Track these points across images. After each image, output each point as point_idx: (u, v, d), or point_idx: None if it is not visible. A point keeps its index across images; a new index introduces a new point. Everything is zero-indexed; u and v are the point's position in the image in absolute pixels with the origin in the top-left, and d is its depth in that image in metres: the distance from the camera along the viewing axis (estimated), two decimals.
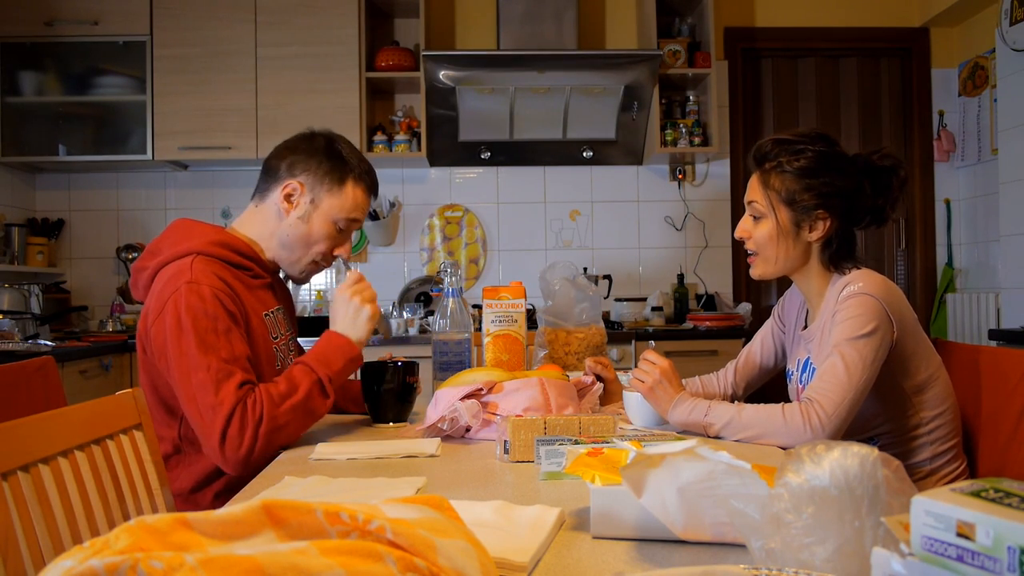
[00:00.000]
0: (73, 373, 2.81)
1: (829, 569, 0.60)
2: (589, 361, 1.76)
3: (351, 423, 1.65)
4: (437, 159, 3.89)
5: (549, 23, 3.59)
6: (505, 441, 1.25)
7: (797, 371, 1.62)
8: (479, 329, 1.83)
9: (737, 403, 1.41)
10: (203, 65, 3.52)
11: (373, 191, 1.67)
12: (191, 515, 0.54)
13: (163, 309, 1.41)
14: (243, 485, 1.17)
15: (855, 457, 0.62)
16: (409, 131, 3.72)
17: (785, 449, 1.28)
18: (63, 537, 1.05)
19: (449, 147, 3.88)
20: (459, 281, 1.82)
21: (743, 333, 3.40)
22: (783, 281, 1.67)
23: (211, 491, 1.49)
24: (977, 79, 3.87)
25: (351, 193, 1.62)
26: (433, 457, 1.30)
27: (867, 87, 4.10)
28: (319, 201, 1.60)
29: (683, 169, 3.96)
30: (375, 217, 3.81)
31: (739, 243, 1.61)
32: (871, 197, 1.52)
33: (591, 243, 3.99)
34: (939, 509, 0.53)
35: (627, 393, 1.56)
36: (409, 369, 1.60)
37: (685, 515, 0.78)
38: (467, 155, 3.92)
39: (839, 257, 1.54)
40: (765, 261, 1.57)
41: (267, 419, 1.36)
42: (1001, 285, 3.54)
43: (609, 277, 3.84)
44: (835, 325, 1.44)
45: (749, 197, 1.57)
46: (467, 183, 3.99)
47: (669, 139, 3.73)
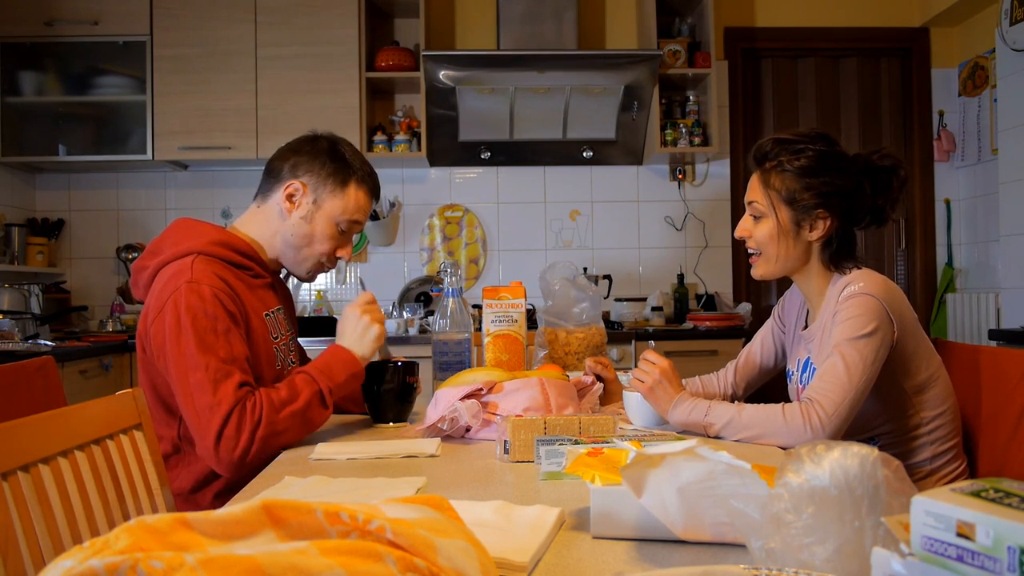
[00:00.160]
0: (73, 373, 2.81)
1: (829, 569, 0.60)
2: (589, 361, 1.76)
3: (351, 423, 1.65)
4: (437, 159, 3.89)
5: (549, 23, 3.59)
6: (505, 441, 1.25)
7: (797, 371, 1.62)
8: (479, 329, 1.83)
9: (737, 403, 1.41)
10: (203, 65, 3.52)
11: (375, 194, 1.68)
12: (191, 515, 0.54)
13: (163, 308, 1.41)
14: (243, 485, 1.17)
15: (855, 457, 0.62)
16: (409, 131, 3.72)
17: (785, 449, 1.28)
18: (63, 537, 1.05)
19: (449, 147, 3.87)
20: (459, 281, 1.82)
21: (743, 333, 3.40)
22: (783, 281, 1.67)
23: (211, 491, 1.49)
24: (977, 79, 3.87)
25: (353, 195, 1.63)
26: (433, 457, 1.30)
27: (867, 87, 4.10)
28: (321, 202, 1.60)
29: (683, 169, 3.96)
30: (375, 217, 3.81)
31: (739, 243, 1.62)
32: (871, 197, 1.52)
33: (591, 243, 3.99)
34: (939, 509, 0.53)
35: (627, 393, 1.56)
36: (409, 369, 1.61)
37: (685, 515, 0.78)
38: (467, 155, 3.92)
39: (839, 257, 1.54)
40: (766, 261, 1.57)
41: (265, 423, 1.36)
42: (1001, 285, 3.54)
43: (609, 277, 3.84)
44: (835, 325, 1.44)
45: (749, 197, 1.57)
46: (467, 183, 3.98)
47: (669, 139, 3.73)
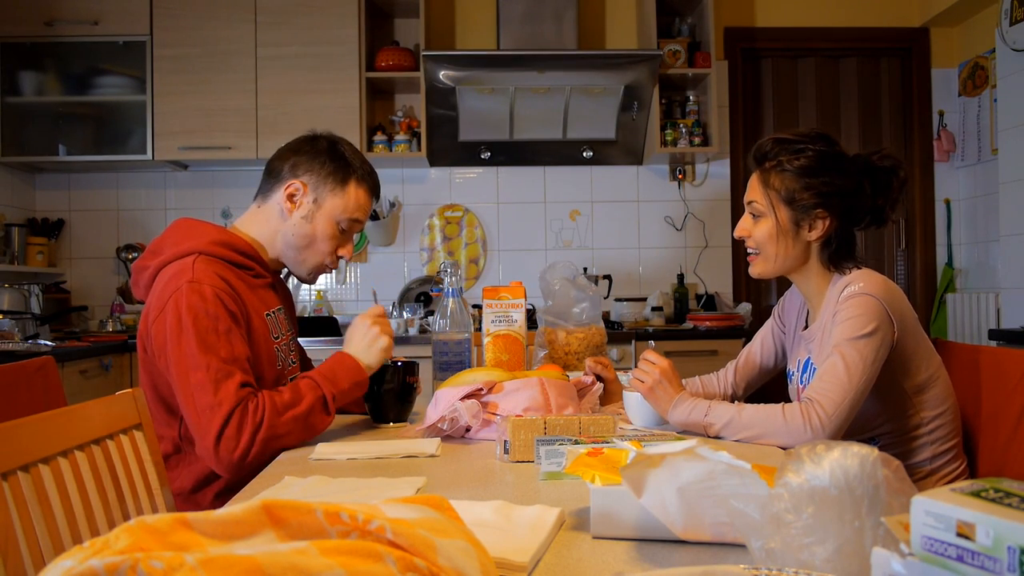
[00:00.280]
0: (73, 373, 2.81)
1: (829, 569, 0.60)
2: (589, 361, 1.75)
3: (351, 423, 1.65)
4: (437, 159, 3.89)
5: (549, 23, 3.59)
6: (505, 441, 1.25)
7: (797, 371, 1.62)
8: (479, 329, 1.83)
9: (737, 403, 1.41)
10: (203, 65, 3.52)
11: (375, 193, 1.69)
12: (191, 515, 0.54)
13: (164, 308, 1.41)
14: (243, 485, 1.17)
15: (855, 457, 0.62)
16: (409, 131, 3.72)
17: (785, 449, 1.28)
18: (63, 537, 1.05)
19: (449, 147, 3.87)
20: (459, 281, 1.82)
21: (743, 333, 3.40)
22: (783, 281, 1.67)
23: (211, 491, 1.49)
24: (977, 79, 3.87)
25: (353, 194, 1.63)
26: (433, 457, 1.30)
27: (867, 87, 4.09)
28: (322, 201, 1.61)
29: (683, 169, 3.96)
30: (375, 217, 3.81)
31: (739, 243, 1.62)
32: (871, 197, 1.52)
33: (591, 243, 3.99)
34: (939, 509, 0.53)
35: (627, 393, 1.56)
36: (409, 369, 1.61)
37: (685, 515, 0.78)
38: (467, 155, 3.92)
39: (839, 257, 1.54)
40: (765, 260, 1.57)
41: (267, 426, 1.36)
42: (1001, 285, 3.54)
43: (609, 277, 3.84)
44: (835, 325, 1.44)
45: (749, 196, 1.57)
46: (467, 183, 3.98)
47: (669, 139, 3.73)
